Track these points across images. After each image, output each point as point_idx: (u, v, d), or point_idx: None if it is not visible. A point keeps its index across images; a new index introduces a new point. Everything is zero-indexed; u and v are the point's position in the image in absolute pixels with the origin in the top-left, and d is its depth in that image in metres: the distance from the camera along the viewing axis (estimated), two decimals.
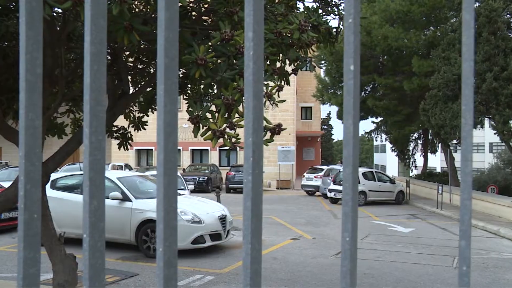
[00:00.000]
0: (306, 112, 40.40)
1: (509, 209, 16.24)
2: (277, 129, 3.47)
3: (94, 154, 0.77)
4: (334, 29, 4.90)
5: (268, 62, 3.82)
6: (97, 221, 0.77)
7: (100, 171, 0.78)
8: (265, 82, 3.68)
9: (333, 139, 64.53)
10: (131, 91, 5.79)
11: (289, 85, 4.76)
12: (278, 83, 4.05)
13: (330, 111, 71.10)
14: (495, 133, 20.29)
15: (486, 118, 21.49)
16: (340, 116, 35.44)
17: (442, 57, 21.17)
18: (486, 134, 50.08)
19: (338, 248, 10.17)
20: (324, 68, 31.40)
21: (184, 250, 9.42)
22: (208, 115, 3.42)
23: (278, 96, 3.83)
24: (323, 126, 57.56)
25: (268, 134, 3.51)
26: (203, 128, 3.34)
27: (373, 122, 36.46)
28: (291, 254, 9.97)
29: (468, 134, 0.80)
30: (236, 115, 3.31)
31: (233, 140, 3.33)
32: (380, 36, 25.06)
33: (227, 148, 3.39)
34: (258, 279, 0.78)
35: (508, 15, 19.61)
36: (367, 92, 31.31)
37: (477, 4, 20.82)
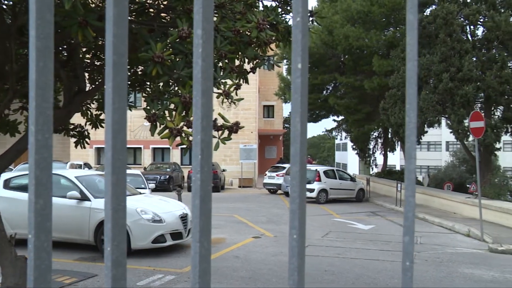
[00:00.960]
0: (268, 111, 40.57)
1: (464, 205, 16.79)
2: (234, 128, 3.47)
3: (41, 152, 0.75)
4: None
5: (226, 60, 3.81)
6: (43, 221, 0.75)
7: (47, 169, 0.76)
8: (223, 80, 3.67)
9: None
10: (87, 88, 5.66)
11: (248, 84, 4.77)
12: (237, 81, 4.05)
13: None
14: (450, 132, 20.90)
15: (443, 117, 22.09)
16: None
17: (401, 57, 21.64)
18: (443, 133, 51.50)
19: None
20: (286, 66, 31.58)
21: (144, 249, 9.31)
22: (166, 113, 3.38)
23: (236, 94, 3.83)
24: (286, 125, 57.87)
25: (226, 132, 3.51)
26: (160, 126, 3.31)
27: (334, 120, 36.98)
28: (252, 252, 9.99)
29: (412, 132, 0.82)
30: None
31: (190, 138, 3.31)
32: (341, 35, 25.40)
33: (185, 146, 3.36)
34: (207, 278, 0.78)
35: (462, 18, 20.22)
36: (329, 90, 31.71)
37: (434, 6, 21.40)
